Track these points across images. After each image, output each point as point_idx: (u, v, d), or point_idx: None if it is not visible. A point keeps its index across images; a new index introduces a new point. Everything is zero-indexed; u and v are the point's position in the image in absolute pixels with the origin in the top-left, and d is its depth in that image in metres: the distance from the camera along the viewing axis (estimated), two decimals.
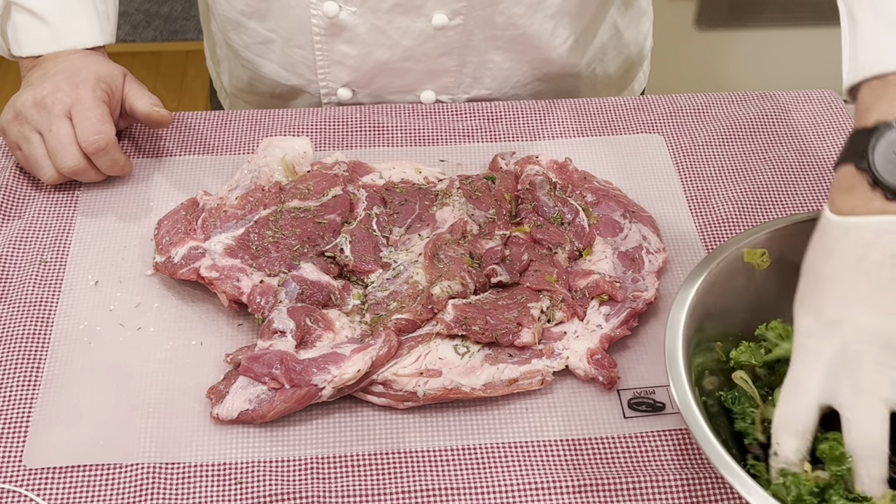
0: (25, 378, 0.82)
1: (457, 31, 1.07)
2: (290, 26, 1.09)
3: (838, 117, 1.11)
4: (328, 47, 1.10)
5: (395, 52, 1.09)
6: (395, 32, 1.07)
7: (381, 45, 1.08)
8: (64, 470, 0.77)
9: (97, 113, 0.94)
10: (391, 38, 1.08)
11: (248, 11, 1.11)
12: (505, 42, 1.11)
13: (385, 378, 0.80)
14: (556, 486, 0.76)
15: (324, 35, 1.08)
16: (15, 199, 0.98)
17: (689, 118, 1.10)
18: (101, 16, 1.04)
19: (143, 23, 2.97)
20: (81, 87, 0.95)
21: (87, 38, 1.03)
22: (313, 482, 0.76)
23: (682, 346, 0.73)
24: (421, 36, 1.07)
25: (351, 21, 1.06)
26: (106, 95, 0.97)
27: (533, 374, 0.82)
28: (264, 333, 0.82)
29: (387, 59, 1.09)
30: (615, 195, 0.97)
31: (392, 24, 1.06)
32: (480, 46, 1.10)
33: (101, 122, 0.94)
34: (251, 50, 1.16)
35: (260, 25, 1.12)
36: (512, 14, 1.07)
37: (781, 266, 0.79)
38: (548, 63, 1.14)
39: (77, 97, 0.94)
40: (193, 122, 1.07)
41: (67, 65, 0.98)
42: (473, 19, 1.07)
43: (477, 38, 1.09)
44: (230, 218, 0.91)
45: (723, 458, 0.67)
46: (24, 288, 0.89)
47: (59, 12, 1.01)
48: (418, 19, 1.06)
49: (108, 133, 0.94)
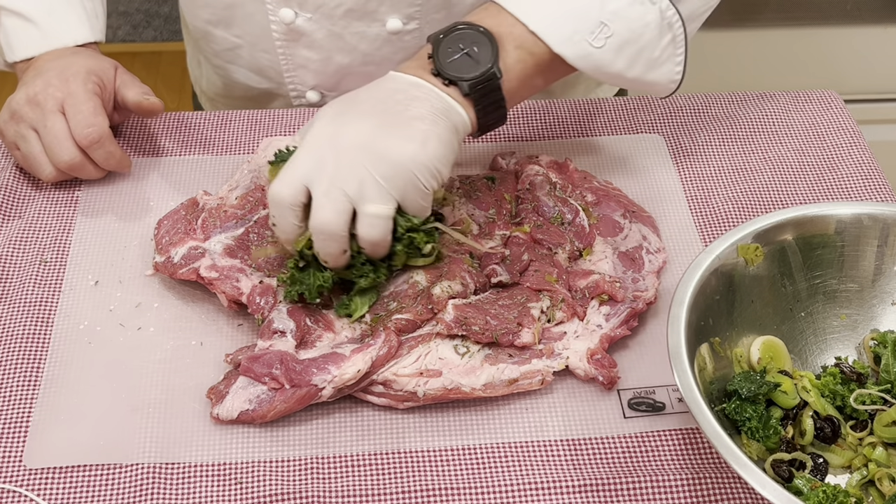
0: (25, 378, 0.82)
1: (413, 36, 1.08)
2: (254, 32, 1.11)
3: (838, 117, 1.11)
4: (290, 52, 1.11)
5: (355, 56, 1.10)
6: (351, 38, 1.08)
7: (340, 50, 1.10)
8: (64, 470, 0.77)
9: (89, 106, 0.94)
10: (349, 44, 1.09)
11: (214, 20, 1.12)
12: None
13: (385, 378, 0.80)
14: (557, 486, 0.76)
15: (285, 40, 1.10)
16: (15, 199, 0.98)
17: (689, 118, 1.10)
18: (89, 13, 1.05)
19: (143, 23, 2.97)
20: (72, 81, 0.95)
21: (77, 35, 1.03)
22: (313, 482, 0.76)
23: (685, 342, 0.73)
24: (377, 41, 1.08)
25: (308, 27, 1.07)
26: (97, 88, 0.97)
27: (533, 374, 0.82)
28: (264, 333, 0.82)
29: (348, 62, 1.11)
30: (615, 195, 0.97)
31: (348, 30, 1.07)
32: None
33: (94, 114, 0.94)
34: (221, 57, 1.17)
35: (226, 33, 1.13)
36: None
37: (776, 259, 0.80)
38: None
39: (69, 91, 0.95)
40: (193, 122, 1.07)
41: (58, 62, 0.99)
42: (429, 23, 1.08)
43: None
44: (230, 218, 0.91)
45: (734, 452, 0.67)
46: (24, 288, 0.89)
47: (47, 13, 1.01)
48: (373, 24, 1.07)
49: (101, 125, 0.94)
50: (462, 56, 0.84)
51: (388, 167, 0.79)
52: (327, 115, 0.82)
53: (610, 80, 0.91)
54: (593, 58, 0.87)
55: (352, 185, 0.78)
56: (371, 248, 0.81)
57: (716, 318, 0.79)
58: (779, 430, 0.77)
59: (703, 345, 0.77)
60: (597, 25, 0.86)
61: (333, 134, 0.80)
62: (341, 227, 0.79)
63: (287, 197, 0.80)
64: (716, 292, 0.79)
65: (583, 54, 0.87)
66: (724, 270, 0.80)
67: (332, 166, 0.79)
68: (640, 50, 0.89)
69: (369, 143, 0.79)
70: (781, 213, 0.83)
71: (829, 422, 0.78)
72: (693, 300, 0.76)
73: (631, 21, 0.87)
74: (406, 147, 0.79)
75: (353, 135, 0.80)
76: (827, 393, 0.80)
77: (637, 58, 0.89)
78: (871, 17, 1.89)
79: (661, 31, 0.89)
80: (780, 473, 0.75)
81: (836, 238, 0.84)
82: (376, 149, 0.79)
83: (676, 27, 0.90)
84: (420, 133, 0.80)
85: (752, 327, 0.82)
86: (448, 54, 0.84)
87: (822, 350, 0.85)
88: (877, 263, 0.84)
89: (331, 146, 0.80)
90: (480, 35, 0.85)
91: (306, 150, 0.81)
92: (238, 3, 1.09)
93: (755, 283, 0.82)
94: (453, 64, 0.84)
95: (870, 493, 0.76)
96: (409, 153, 0.79)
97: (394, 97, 0.82)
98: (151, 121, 1.07)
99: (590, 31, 0.86)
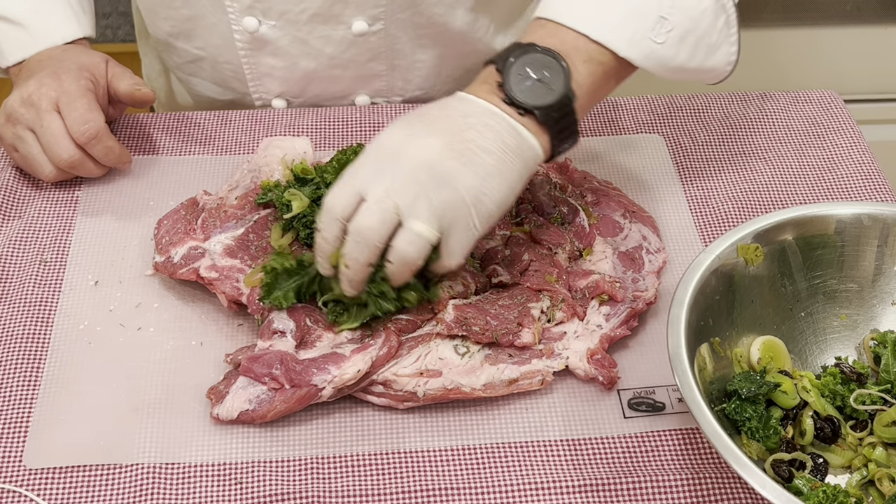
0: (25, 378, 0.82)
1: (379, 37, 1.08)
2: (216, 43, 1.11)
3: (838, 117, 1.10)
4: (254, 61, 1.11)
5: (321, 60, 1.10)
6: (317, 42, 1.08)
7: (305, 56, 1.09)
8: (64, 470, 0.76)
9: (84, 102, 0.94)
10: (314, 48, 1.09)
11: (175, 32, 1.12)
12: (429, 40, 1.12)
13: (385, 378, 0.80)
14: (557, 486, 0.76)
15: (248, 49, 1.09)
16: (15, 199, 0.98)
17: (689, 118, 1.10)
18: (75, 10, 1.05)
19: None
20: (65, 78, 0.95)
21: (66, 32, 1.03)
22: (313, 482, 0.76)
23: (685, 342, 0.73)
24: (343, 43, 1.08)
25: (272, 34, 1.07)
26: (91, 84, 0.97)
27: (533, 374, 0.82)
28: (264, 333, 0.82)
29: (314, 67, 1.11)
30: (615, 195, 0.97)
31: (313, 35, 1.07)
32: (406, 48, 1.12)
33: (89, 110, 0.94)
34: (184, 70, 1.17)
35: (188, 45, 1.13)
36: (432, 14, 1.08)
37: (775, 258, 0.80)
38: (475, 53, 1.15)
39: (62, 89, 0.95)
40: (193, 121, 1.07)
41: (50, 60, 0.99)
42: (394, 23, 1.08)
43: (401, 40, 1.10)
44: (230, 218, 0.91)
45: (734, 452, 0.67)
46: (24, 288, 0.89)
47: (33, 13, 1.02)
48: (338, 27, 1.07)
49: (97, 121, 0.94)
50: (534, 83, 0.81)
51: (447, 192, 0.76)
52: (395, 129, 0.79)
53: (671, 74, 0.88)
54: (657, 55, 0.85)
55: (405, 198, 0.75)
56: (398, 267, 0.78)
57: (716, 318, 0.79)
58: (779, 430, 0.77)
59: (703, 345, 0.77)
60: (657, 21, 0.84)
61: (399, 147, 0.77)
62: (381, 237, 0.76)
63: (339, 208, 0.77)
64: (716, 292, 0.79)
65: (647, 53, 0.85)
66: (724, 270, 0.80)
67: (391, 177, 0.76)
68: (700, 37, 0.87)
69: (433, 162, 0.76)
70: (781, 213, 0.83)
71: (829, 422, 0.78)
72: (693, 300, 0.76)
73: (688, 10, 0.86)
74: (469, 178, 0.76)
75: (418, 150, 0.77)
76: (827, 393, 0.80)
77: (697, 46, 0.87)
78: (871, 17, 1.89)
79: (717, 14, 0.88)
80: (780, 473, 0.75)
81: (836, 238, 0.84)
82: (439, 170, 0.76)
83: (729, 6, 0.88)
84: (485, 168, 0.77)
85: (752, 327, 0.82)
86: (518, 80, 0.81)
87: (822, 350, 0.85)
88: (877, 263, 0.84)
89: (393, 158, 0.77)
90: (549, 58, 0.82)
91: (367, 159, 0.78)
92: (199, 14, 1.08)
93: (755, 283, 0.82)
94: (525, 91, 0.80)
95: (870, 493, 0.76)
96: (470, 185, 0.76)
97: (466, 121, 0.79)
98: (151, 120, 1.07)
99: (650, 28, 0.84)
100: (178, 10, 1.09)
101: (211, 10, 1.07)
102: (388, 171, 0.76)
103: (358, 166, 0.78)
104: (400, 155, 0.77)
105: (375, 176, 0.77)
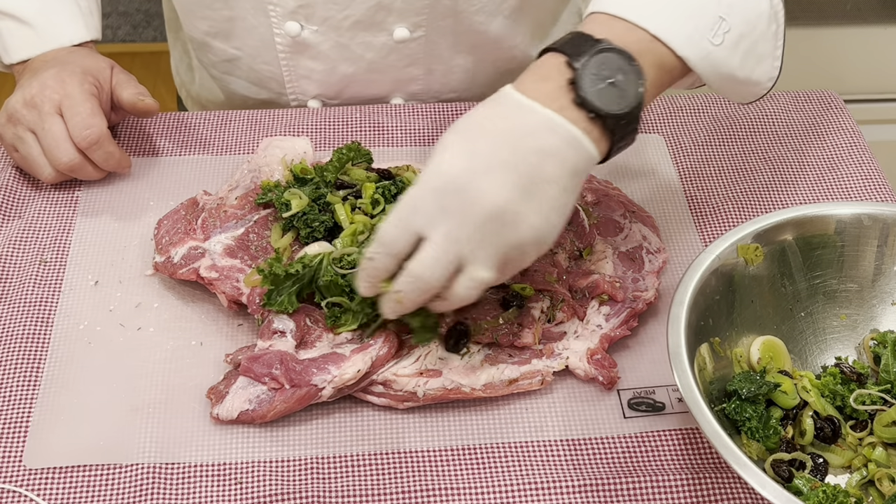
0: (25, 378, 0.82)
1: (419, 43, 1.08)
2: (254, 44, 1.10)
3: (838, 117, 1.11)
4: (294, 63, 1.11)
5: (360, 65, 1.10)
6: (358, 47, 1.08)
7: (345, 60, 1.09)
8: (64, 470, 0.77)
9: (87, 107, 0.94)
10: (355, 53, 1.09)
11: (213, 32, 1.12)
12: (467, 46, 1.12)
13: (385, 378, 0.80)
14: (557, 486, 0.76)
15: (288, 52, 1.10)
16: (15, 199, 0.98)
17: (689, 118, 1.10)
18: (83, 12, 1.04)
19: (143, 23, 2.97)
20: (69, 82, 0.95)
21: (73, 34, 1.03)
22: (313, 482, 0.76)
23: (685, 342, 0.73)
24: (384, 49, 1.08)
25: (314, 39, 1.07)
26: (94, 88, 0.97)
27: (533, 374, 0.82)
28: (264, 334, 0.82)
29: (352, 72, 1.11)
30: (615, 195, 0.97)
31: (355, 40, 1.07)
32: (445, 54, 1.12)
33: (92, 115, 0.94)
34: (218, 68, 1.17)
35: (225, 44, 1.13)
36: (473, 21, 1.09)
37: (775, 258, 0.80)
38: (510, 59, 1.16)
39: (65, 93, 0.94)
40: (193, 122, 1.07)
41: (54, 62, 0.99)
42: (435, 30, 1.08)
43: (440, 46, 1.10)
44: (230, 218, 0.91)
45: (734, 452, 0.67)
46: (24, 288, 0.89)
47: (39, 13, 1.01)
48: (380, 34, 1.07)
49: (99, 126, 0.94)
50: (608, 86, 0.74)
51: (512, 237, 0.72)
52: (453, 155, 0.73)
53: (719, 82, 0.83)
54: (712, 57, 0.80)
55: (468, 247, 0.72)
56: (449, 305, 0.76)
57: (716, 318, 0.79)
58: (779, 430, 0.77)
59: (703, 345, 0.77)
60: (715, 21, 0.80)
61: (461, 184, 0.72)
62: (439, 284, 0.73)
63: (397, 246, 0.73)
64: (716, 292, 0.79)
65: (703, 54, 0.80)
66: (724, 270, 0.80)
67: (454, 222, 0.71)
68: (754, 43, 0.83)
69: (501, 209, 0.71)
70: (781, 213, 0.83)
71: (829, 422, 0.78)
72: (693, 300, 0.76)
73: (747, 12, 0.81)
74: (533, 217, 0.72)
75: (484, 193, 0.71)
76: (827, 393, 0.80)
77: (750, 52, 0.83)
78: (871, 17, 1.89)
79: (769, 22, 0.83)
80: (780, 473, 0.75)
81: (836, 238, 0.84)
82: (506, 218, 0.72)
83: (780, 16, 0.84)
84: (549, 202, 0.73)
85: (751, 327, 0.82)
86: (593, 81, 0.74)
87: (822, 350, 0.85)
88: (877, 263, 0.84)
89: (457, 197, 0.71)
90: (625, 62, 0.75)
91: (427, 192, 0.72)
92: (239, 15, 1.08)
93: (755, 283, 0.82)
94: (598, 94, 0.74)
95: (870, 493, 0.76)
96: (534, 224, 0.72)
97: (526, 143, 0.72)
98: (151, 121, 1.07)
99: (709, 28, 0.79)
100: (219, 11, 1.09)
101: (253, 12, 1.07)
102: (450, 214, 0.71)
103: (418, 200, 0.73)
104: (463, 195, 0.71)
105: (437, 217, 0.72)
